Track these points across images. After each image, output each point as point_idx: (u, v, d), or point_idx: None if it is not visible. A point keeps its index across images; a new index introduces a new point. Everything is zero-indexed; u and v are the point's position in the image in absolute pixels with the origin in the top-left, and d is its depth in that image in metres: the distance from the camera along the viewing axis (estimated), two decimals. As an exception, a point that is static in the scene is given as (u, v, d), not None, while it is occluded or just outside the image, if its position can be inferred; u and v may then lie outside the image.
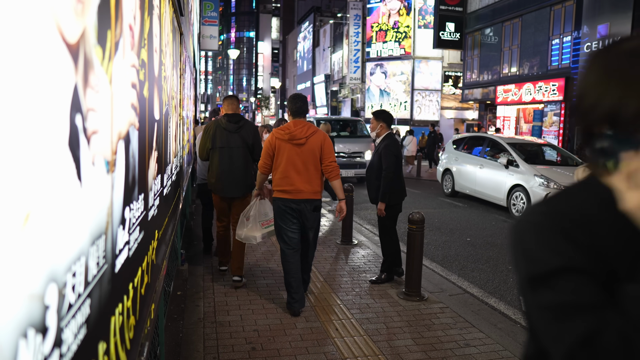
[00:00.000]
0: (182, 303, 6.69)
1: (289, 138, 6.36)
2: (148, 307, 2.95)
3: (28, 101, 1.07)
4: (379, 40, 43.31)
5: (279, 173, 6.41)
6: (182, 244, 8.65)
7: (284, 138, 6.38)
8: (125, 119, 2.17)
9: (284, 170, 6.36)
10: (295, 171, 6.35)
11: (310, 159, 6.39)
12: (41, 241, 1.16)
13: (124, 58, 2.16)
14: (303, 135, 6.36)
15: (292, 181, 6.34)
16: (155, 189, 3.36)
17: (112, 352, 1.93)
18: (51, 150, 1.22)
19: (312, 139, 6.39)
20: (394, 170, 7.50)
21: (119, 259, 2.06)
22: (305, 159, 6.37)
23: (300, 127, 6.41)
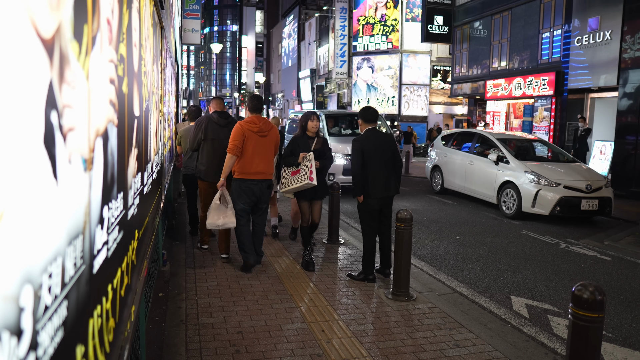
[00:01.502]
0: (164, 305, 6.68)
1: (258, 130, 7.96)
2: (128, 309, 2.95)
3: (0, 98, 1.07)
4: (365, 34, 43.32)
5: (246, 158, 7.92)
6: (164, 244, 8.63)
7: (254, 130, 7.93)
8: (103, 115, 2.16)
9: (251, 155, 7.93)
10: (260, 157, 7.99)
11: (270, 147, 8.14)
12: (16, 241, 1.16)
13: (102, 53, 2.16)
14: (267, 129, 8.07)
15: (256, 165, 7.98)
16: (135, 188, 3.35)
17: (91, 355, 1.92)
18: (26, 148, 1.22)
19: (272, 132, 8.17)
20: (356, 164, 7.84)
21: (97, 259, 2.06)
22: (267, 147, 8.08)
23: (264, 122, 8.12)
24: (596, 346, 4.24)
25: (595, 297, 4.13)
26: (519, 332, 6.46)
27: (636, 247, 11.17)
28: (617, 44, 19.69)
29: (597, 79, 20.84)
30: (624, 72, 19.35)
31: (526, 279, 8.66)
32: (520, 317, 7.07)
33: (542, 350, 5.86)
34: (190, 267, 8.23)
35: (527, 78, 25.44)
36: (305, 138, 8.76)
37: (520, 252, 10.37)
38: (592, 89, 21.95)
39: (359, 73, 44.12)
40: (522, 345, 5.95)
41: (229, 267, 8.22)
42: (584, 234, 12.45)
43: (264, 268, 8.25)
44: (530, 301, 7.66)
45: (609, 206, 13.69)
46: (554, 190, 13.36)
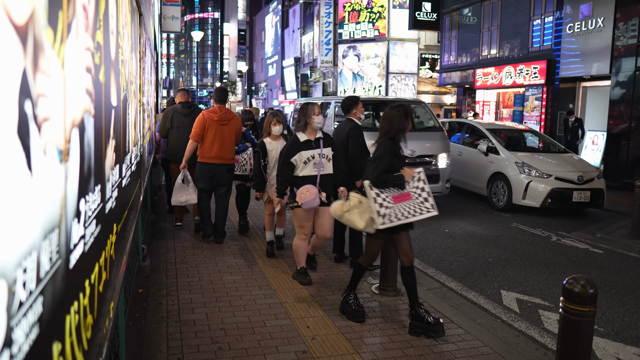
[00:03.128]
0: (144, 301, 6.67)
1: (218, 119, 9.17)
2: (107, 306, 2.94)
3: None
4: (351, 21, 43.23)
5: (207, 144, 9.15)
6: (144, 239, 8.61)
7: (214, 119, 9.15)
8: (79, 105, 2.15)
9: (211, 142, 9.14)
10: (219, 143, 9.14)
11: (230, 135, 9.27)
12: (-11, 235, 1.16)
13: (78, 40, 2.15)
14: (227, 118, 9.25)
15: (215, 150, 9.15)
16: (113, 180, 3.34)
17: (68, 352, 1.92)
18: (-2, 138, 1.21)
19: (232, 121, 9.31)
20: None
21: (74, 254, 2.05)
22: (226, 135, 9.21)
23: (225, 111, 9.31)
24: (587, 341, 4.27)
25: (587, 290, 4.16)
26: (509, 327, 6.50)
27: (628, 239, 11.25)
28: (609, 31, 19.78)
29: (589, 67, 20.93)
30: (617, 60, 19.44)
31: (516, 272, 8.71)
32: (511, 311, 7.11)
33: (532, 346, 5.90)
34: (171, 262, 8.22)
35: (518, 66, 25.51)
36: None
37: (511, 245, 10.43)
38: (584, 78, 22.02)
39: (344, 61, 44.05)
40: (512, 340, 5.99)
41: (212, 263, 8.22)
42: (576, 226, 12.54)
43: (247, 263, 8.26)
44: (520, 295, 7.70)
45: (601, 198, 13.79)
46: (545, 182, 13.44)
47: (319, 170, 7.30)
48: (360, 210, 6.19)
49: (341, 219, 6.41)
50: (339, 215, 6.39)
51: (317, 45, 50.62)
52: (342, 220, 6.48)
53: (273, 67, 72.98)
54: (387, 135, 6.25)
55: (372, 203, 5.98)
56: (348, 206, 6.28)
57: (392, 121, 6.27)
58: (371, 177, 6.07)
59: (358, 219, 6.20)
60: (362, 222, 6.17)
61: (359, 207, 6.20)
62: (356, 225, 6.24)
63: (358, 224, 6.21)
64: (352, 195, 6.32)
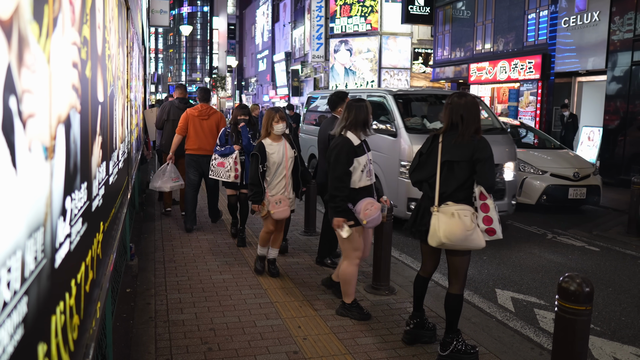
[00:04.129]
0: (132, 301, 6.66)
1: (198, 114, 10.32)
2: (93, 306, 2.94)
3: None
4: (343, 15, 43.22)
5: (190, 137, 10.23)
6: (132, 237, 8.60)
7: (195, 114, 10.32)
8: (65, 101, 2.15)
9: (194, 135, 10.24)
10: (200, 136, 10.23)
11: (209, 129, 10.30)
12: (-28, 234, 1.15)
13: (64, 35, 2.15)
14: (206, 114, 10.36)
15: (197, 142, 10.21)
16: (99, 178, 3.34)
17: (54, 353, 1.92)
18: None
19: (212, 117, 10.38)
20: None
21: (60, 253, 2.05)
22: (206, 128, 10.28)
23: (206, 108, 10.47)
24: (584, 340, 4.28)
25: (583, 289, 4.16)
26: (504, 327, 6.51)
27: (625, 237, 11.29)
28: (605, 25, 19.81)
29: (585, 62, 20.96)
30: (613, 54, 19.47)
31: (511, 271, 8.73)
32: (506, 310, 7.13)
33: (528, 345, 5.91)
34: (160, 261, 8.21)
35: (512, 61, 25.53)
36: None
37: (505, 243, 10.43)
38: (580, 73, 22.03)
39: (336, 56, 44.05)
40: (507, 340, 6.00)
41: (201, 262, 8.21)
42: (572, 223, 12.57)
43: (237, 262, 8.25)
44: (515, 294, 7.72)
45: (597, 195, 13.78)
46: (540, 179, 13.44)
47: (371, 178, 6.35)
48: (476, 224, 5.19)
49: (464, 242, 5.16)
50: (463, 237, 5.11)
51: (308, 39, 50.57)
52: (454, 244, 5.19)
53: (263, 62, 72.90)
54: (478, 131, 5.30)
55: (494, 212, 5.19)
56: (472, 223, 5.13)
57: (472, 111, 5.32)
58: (490, 181, 5.18)
59: (479, 237, 5.18)
60: (482, 239, 5.21)
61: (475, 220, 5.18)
62: (480, 244, 5.19)
63: (481, 242, 5.19)
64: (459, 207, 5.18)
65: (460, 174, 5.23)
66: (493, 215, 5.17)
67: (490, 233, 5.20)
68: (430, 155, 5.46)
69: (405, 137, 10.71)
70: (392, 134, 11.05)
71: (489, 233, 5.20)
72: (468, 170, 5.21)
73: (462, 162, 5.22)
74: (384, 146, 11.19)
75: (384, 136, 11.26)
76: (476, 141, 5.20)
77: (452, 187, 5.26)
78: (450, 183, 5.27)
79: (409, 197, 10.38)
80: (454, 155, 5.24)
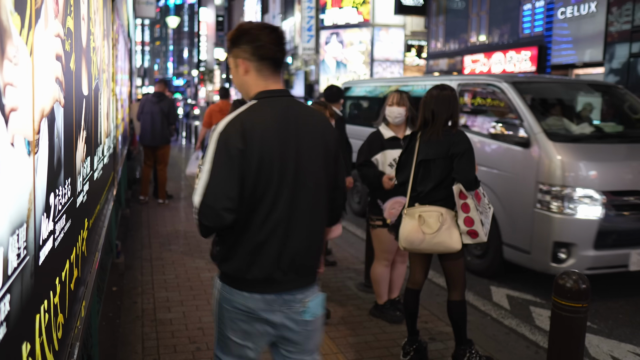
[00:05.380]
0: (118, 300, 6.66)
1: (219, 110, 12.07)
2: (79, 304, 2.94)
3: None
4: (334, 6, 43.13)
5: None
6: (118, 234, 8.59)
7: (217, 110, 12.18)
8: (49, 94, 2.15)
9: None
10: None
11: None
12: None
13: (47, 27, 2.14)
14: (226, 109, 10.86)
15: None
16: (84, 173, 3.34)
17: (38, 353, 1.92)
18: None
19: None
20: None
21: (43, 250, 2.05)
22: None
23: (225, 104, 12.52)
24: (580, 338, 4.28)
25: (579, 286, 4.16)
26: (499, 325, 6.53)
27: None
28: (602, 16, 19.83)
29: (582, 54, 21.00)
30: (610, 46, 19.51)
31: (507, 268, 8.75)
32: (501, 308, 7.15)
33: (523, 344, 5.94)
34: (147, 259, 8.21)
35: (508, 53, 25.55)
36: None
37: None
38: (577, 65, 22.02)
39: (327, 49, 43.99)
40: (502, 338, 6.02)
41: (189, 259, 8.21)
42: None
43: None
44: (510, 291, 7.74)
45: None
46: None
47: None
48: (446, 226, 5.00)
49: (420, 245, 5.07)
50: (420, 240, 5.04)
51: (298, 31, 50.48)
52: (420, 248, 5.10)
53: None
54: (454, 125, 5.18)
55: (476, 212, 4.98)
56: (436, 224, 4.99)
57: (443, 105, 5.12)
58: (469, 177, 4.96)
59: (449, 238, 5.00)
60: (457, 241, 5.02)
61: (445, 222, 5.00)
62: (451, 247, 5.01)
63: (453, 244, 5.01)
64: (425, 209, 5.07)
65: (436, 172, 5.07)
66: (474, 216, 4.95)
67: (473, 235, 5.00)
68: (408, 156, 5.33)
69: (548, 146, 7.40)
70: (521, 143, 7.73)
71: (471, 235, 5.00)
72: (445, 168, 5.03)
73: (438, 159, 5.05)
74: (503, 161, 8.07)
75: (504, 145, 8.04)
76: (452, 135, 5.02)
77: (429, 187, 5.11)
78: (427, 183, 5.13)
79: (556, 240, 7.15)
80: (428, 153, 5.09)
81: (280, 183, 2.91)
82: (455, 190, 4.96)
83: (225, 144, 2.83)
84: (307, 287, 3.14)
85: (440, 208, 5.03)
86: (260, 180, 2.87)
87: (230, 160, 2.81)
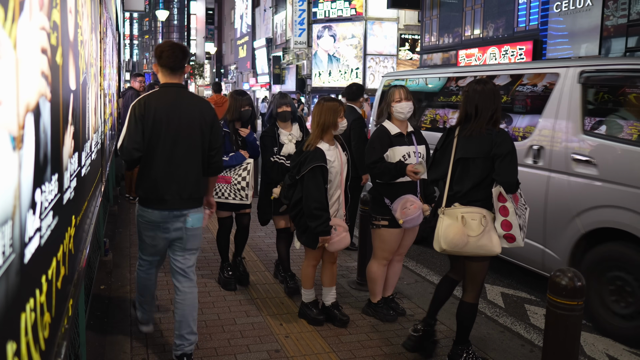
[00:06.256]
0: (106, 298, 6.64)
1: (214, 103, 11.59)
2: (66, 303, 2.93)
3: None
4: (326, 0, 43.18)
5: None
6: (106, 232, 8.57)
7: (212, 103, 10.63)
8: (34, 88, 2.14)
9: None
10: None
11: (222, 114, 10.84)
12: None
13: (32, 19, 2.13)
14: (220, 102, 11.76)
15: None
16: (71, 169, 3.33)
17: (24, 352, 1.91)
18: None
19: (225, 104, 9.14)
20: None
21: (29, 247, 2.04)
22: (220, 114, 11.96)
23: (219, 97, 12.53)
24: (575, 336, 4.29)
25: (575, 283, 4.16)
26: (494, 323, 6.54)
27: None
28: (598, 10, 19.87)
29: (578, 48, 21.02)
30: (606, 40, 19.55)
31: (501, 265, 8.75)
32: (495, 306, 7.16)
33: (518, 342, 5.94)
34: (135, 257, 8.13)
35: (503, 47, 25.59)
36: None
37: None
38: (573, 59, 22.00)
39: (319, 42, 43.99)
40: (496, 336, 6.03)
41: (178, 256, 8.19)
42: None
43: (216, 258, 8.24)
44: (505, 289, 7.75)
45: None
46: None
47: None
48: (488, 228, 4.92)
49: (464, 248, 4.96)
50: (464, 243, 4.92)
51: (290, 25, 50.46)
52: (463, 250, 4.99)
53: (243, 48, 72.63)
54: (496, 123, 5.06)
55: (514, 216, 4.89)
56: (479, 227, 4.90)
57: (488, 100, 5.02)
58: (511, 180, 4.86)
59: (490, 242, 4.91)
60: (497, 245, 4.93)
61: (487, 224, 4.92)
62: (492, 251, 4.93)
63: (494, 247, 4.92)
64: (467, 210, 4.98)
65: (475, 172, 4.97)
66: (513, 220, 4.86)
67: (510, 240, 4.92)
68: (445, 152, 5.23)
69: None
70: None
71: (508, 240, 4.92)
72: (485, 168, 4.93)
73: (478, 159, 4.95)
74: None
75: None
76: (494, 134, 4.90)
77: (467, 187, 5.00)
78: (465, 182, 5.02)
79: None
80: (467, 151, 4.99)
81: (166, 136, 4.82)
82: (495, 192, 4.90)
83: (134, 112, 4.81)
84: (189, 208, 4.96)
85: (482, 210, 4.95)
86: (154, 134, 4.80)
87: (136, 121, 4.77)
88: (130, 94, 12.32)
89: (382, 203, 5.95)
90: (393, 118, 6.01)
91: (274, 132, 6.85)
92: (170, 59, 4.91)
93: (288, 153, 6.69)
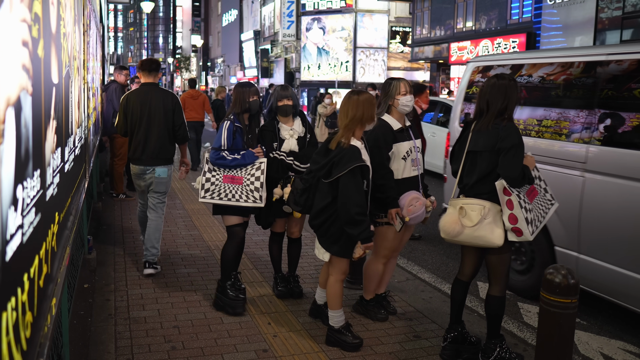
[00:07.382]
0: (90, 297, 6.63)
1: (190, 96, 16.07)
2: (48, 302, 2.93)
3: None
4: (316, -9, 43.19)
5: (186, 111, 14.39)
6: (90, 229, 8.56)
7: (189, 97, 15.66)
8: (15, 82, 2.13)
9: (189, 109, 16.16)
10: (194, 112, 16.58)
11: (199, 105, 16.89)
12: None
13: (12, 11, 2.12)
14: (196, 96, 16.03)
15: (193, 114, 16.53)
16: (54, 165, 3.32)
17: (5, 352, 1.91)
18: None
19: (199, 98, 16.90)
20: None
21: (11, 245, 2.04)
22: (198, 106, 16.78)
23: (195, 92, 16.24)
24: (569, 335, 4.31)
25: (568, 280, 4.18)
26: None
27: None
28: (592, 2, 19.94)
29: (572, 41, 21.09)
30: (601, 33, 19.62)
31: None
32: (488, 304, 7.17)
33: (511, 341, 5.94)
34: (120, 254, 8.18)
35: (495, 40, 25.66)
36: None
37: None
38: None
39: (308, 35, 44.00)
40: (489, 335, 6.04)
41: (164, 254, 8.18)
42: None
43: (203, 255, 8.24)
44: (498, 287, 7.76)
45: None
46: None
47: (418, 169, 6.07)
48: (488, 220, 5.03)
49: (458, 237, 5.15)
50: (456, 232, 5.13)
51: (278, 17, 50.44)
52: (458, 240, 5.18)
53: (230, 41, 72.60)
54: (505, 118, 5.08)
55: (520, 210, 4.94)
56: (477, 218, 5.03)
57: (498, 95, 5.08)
58: (513, 174, 4.93)
59: (490, 233, 5.02)
60: (499, 237, 5.02)
61: (487, 216, 5.02)
62: (491, 242, 5.02)
63: (494, 239, 5.02)
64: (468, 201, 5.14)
65: (482, 165, 5.08)
66: (518, 213, 4.91)
67: (518, 233, 4.97)
68: (462, 146, 5.35)
69: None
70: None
71: (517, 233, 4.97)
72: (491, 162, 5.02)
73: (485, 152, 5.05)
74: None
75: None
76: (500, 128, 4.96)
77: (473, 180, 5.15)
78: (472, 175, 5.18)
79: None
80: (476, 145, 5.12)
81: (141, 118, 7.42)
82: (499, 186, 4.97)
83: (122, 105, 7.57)
84: (156, 165, 7.44)
85: (485, 202, 5.05)
86: (133, 119, 7.46)
87: (123, 110, 7.54)
88: (114, 88, 12.14)
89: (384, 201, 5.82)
90: (393, 111, 5.93)
91: (274, 127, 6.56)
92: (146, 65, 7.74)
93: (289, 149, 6.46)
